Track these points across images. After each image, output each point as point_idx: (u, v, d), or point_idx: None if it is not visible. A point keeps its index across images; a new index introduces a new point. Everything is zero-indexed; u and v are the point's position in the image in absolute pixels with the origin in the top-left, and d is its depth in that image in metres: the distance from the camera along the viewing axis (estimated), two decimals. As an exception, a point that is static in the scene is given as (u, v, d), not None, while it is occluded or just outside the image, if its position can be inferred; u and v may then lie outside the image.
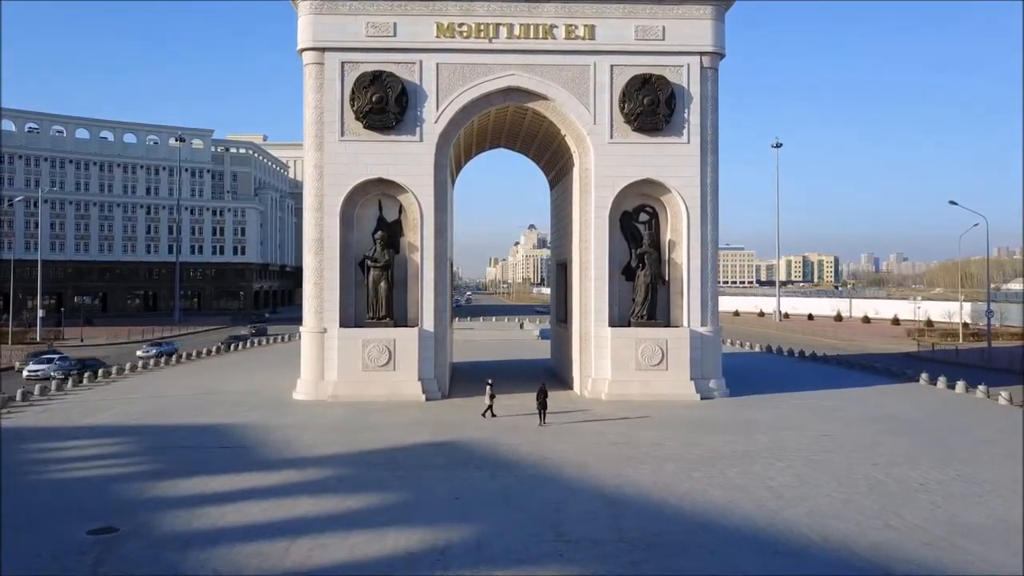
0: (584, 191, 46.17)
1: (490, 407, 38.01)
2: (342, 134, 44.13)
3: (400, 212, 45.43)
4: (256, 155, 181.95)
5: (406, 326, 44.32)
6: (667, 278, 45.74)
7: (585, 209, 46.07)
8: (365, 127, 43.84)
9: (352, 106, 43.74)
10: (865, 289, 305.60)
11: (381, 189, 44.97)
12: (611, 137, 44.80)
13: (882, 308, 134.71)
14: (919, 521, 21.79)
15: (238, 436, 33.51)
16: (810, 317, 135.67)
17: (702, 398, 43.25)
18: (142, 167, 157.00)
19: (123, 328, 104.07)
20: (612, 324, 44.73)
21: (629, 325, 44.76)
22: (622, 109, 44.49)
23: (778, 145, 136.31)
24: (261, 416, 38.22)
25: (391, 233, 45.07)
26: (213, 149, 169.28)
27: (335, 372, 43.21)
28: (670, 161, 44.89)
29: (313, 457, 29.61)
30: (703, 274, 45.26)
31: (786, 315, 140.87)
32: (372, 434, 33.62)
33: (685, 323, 44.81)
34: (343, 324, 43.86)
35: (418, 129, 44.29)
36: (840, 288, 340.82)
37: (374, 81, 43.49)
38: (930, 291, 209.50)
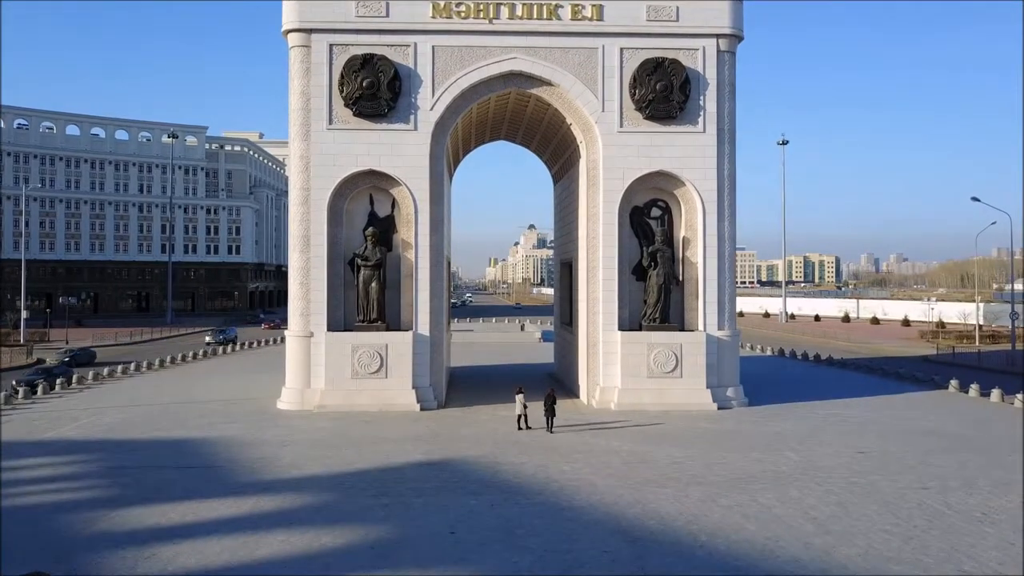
0: (591, 184, 42.82)
1: (523, 415, 34.75)
2: (330, 122, 40.83)
3: (393, 207, 42.13)
4: (251, 153, 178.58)
5: (399, 330, 41.02)
6: (681, 278, 42.44)
7: (592, 204, 42.73)
8: (355, 115, 40.54)
9: (341, 92, 40.44)
10: (868, 289, 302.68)
11: (372, 182, 41.68)
12: (621, 126, 41.46)
13: (891, 309, 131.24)
14: (995, 564, 18.50)
15: (210, 454, 30.16)
16: (817, 318, 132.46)
17: (719, 407, 39.97)
18: (134, 164, 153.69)
19: (112, 330, 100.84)
20: (622, 327, 41.40)
21: (640, 329, 41.42)
22: (632, 95, 41.17)
23: (784, 142, 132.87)
24: (239, 429, 34.90)
25: (383, 229, 41.75)
26: (207, 146, 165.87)
27: (322, 380, 39.93)
28: (684, 152, 41.57)
29: (290, 479, 26.28)
30: (720, 274, 41.89)
31: (792, 316, 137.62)
32: (358, 451, 30.28)
33: (701, 326, 41.47)
34: (331, 328, 40.55)
35: (412, 117, 41.00)
36: (844, 288, 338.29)
37: (364, 65, 40.20)
38: (932, 291, 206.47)
